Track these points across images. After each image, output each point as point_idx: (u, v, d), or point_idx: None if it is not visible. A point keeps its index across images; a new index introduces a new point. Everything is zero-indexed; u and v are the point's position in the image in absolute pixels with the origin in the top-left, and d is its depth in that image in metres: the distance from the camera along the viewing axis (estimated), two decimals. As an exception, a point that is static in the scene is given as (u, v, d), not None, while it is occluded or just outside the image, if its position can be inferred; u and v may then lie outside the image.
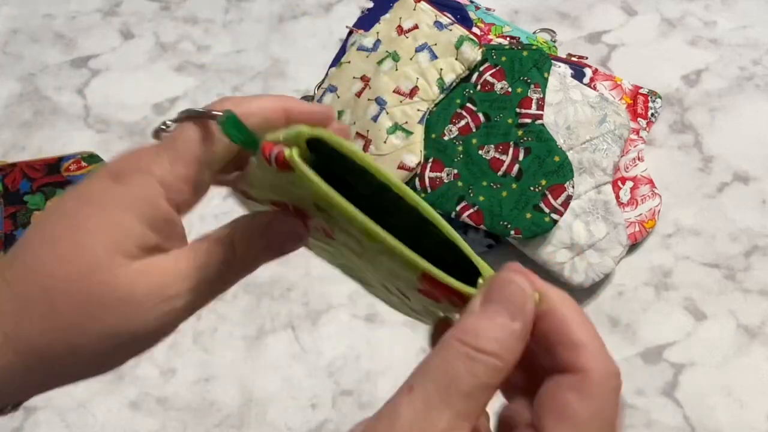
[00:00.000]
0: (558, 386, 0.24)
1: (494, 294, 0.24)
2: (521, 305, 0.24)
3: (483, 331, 0.23)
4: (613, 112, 0.75)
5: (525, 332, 0.24)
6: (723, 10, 0.93)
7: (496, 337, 0.23)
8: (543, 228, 0.68)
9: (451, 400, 0.22)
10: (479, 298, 0.24)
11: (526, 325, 0.24)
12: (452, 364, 0.22)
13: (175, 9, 0.96)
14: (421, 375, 0.23)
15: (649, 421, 0.65)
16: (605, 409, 0.23)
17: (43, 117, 0.86)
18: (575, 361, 0.24)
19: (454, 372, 0.22)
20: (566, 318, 0.25)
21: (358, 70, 0.79)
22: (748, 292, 0.72)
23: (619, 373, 0.24)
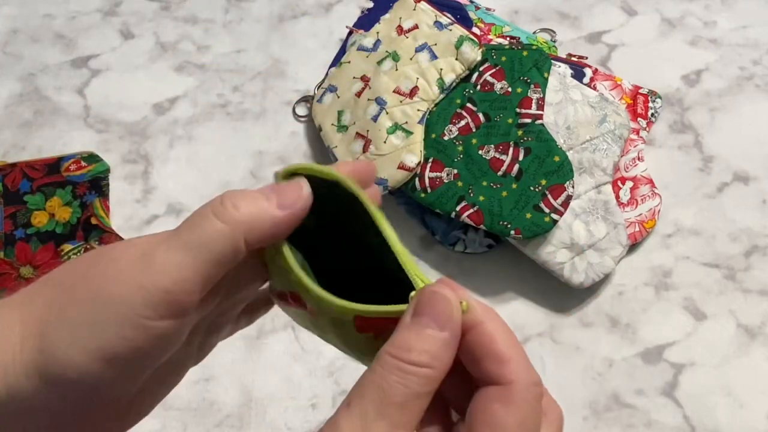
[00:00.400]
0: (486, 398, 0.26)
1: (422, 307, 0.25)
2: (448, 315, 0.25)
3: (414, 344, 0.25)
4: (613, 112, 0.75)
5: (454, 340, 0.26)
6: (723, 10, 0.93)
7: (427, 349, 0.25)
8: (543, 228, 0.68)
9: (387, 412, 0.23)
10: (410, 311, 0.26)
11: (455, 333, 0.25)
12: (386, 378, 0.24)
13: (175, 9, 0.96)
14: (358, 391, 0.24)
15: (649, 421, 0.65)
16: (529, 416, 0.26)
17: (43, 117, 0.86)
18: (500, 374, 0.26)
19: (388, 385, 0.24)
20: (491, 332, 0.26)
21: (358, 70, 0.79)
22: (748, 292, 0.72)
23: (540, 381, 0.27)
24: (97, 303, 0.26)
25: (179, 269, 0.26)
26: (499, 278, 0.73)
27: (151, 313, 0.26)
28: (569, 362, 0.68)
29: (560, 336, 0.70)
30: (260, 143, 0.83)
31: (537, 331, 0.70)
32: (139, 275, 0.26)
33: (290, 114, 0.85)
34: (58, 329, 0.26)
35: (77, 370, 0.25)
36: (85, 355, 0.25)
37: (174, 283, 0.26)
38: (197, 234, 0.26)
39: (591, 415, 0.66)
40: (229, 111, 0.86)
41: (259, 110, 0.86)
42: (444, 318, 0.25)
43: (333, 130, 0.78)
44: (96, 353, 0.25)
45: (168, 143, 0.83)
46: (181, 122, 0.85)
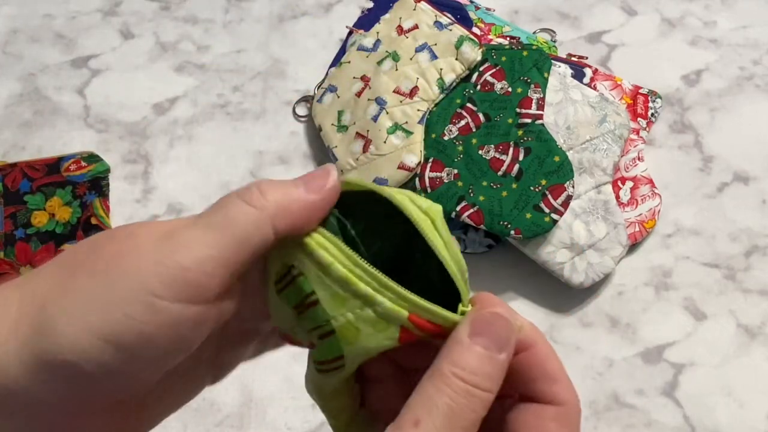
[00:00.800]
0: (540, 416, 0.26)
1: (482, 327, 0.25)
2: (507, 339, 0.26)
3: (478, 367, 0.25)
4: (613, 112, 0.75)
5: (508, 363, 0.26)
6: (723, 10, 0.93)
7: (489, 373, 0.25)
8: (543, 228, 0.68)
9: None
10: (466, 328, 0.26)
11: (510, 356, 0.26)
12: (456, 400, 0.24)
13: (175, 9, 0.96)
14: (427, 410, 0.24)
15: (649, 421, 0.65)
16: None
17: (43, 117, 0.86)
18: (555, 393, 0.26)
19: (459, 408, 0.24)
20: (545, 353, 0.27)
21: (358, 70, 0.79)
22: (748, 292, 0.72)
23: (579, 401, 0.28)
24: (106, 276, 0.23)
25: (201, 246, 0.24)
26: (499, 278, 0.73)
27: (165, 291, 0.23)
28: (569, 362, 0.68)
29: (560, 336, 0.70)
30: (260, 143, 0.83)
31: (537, 331, 0.70)
32: (157, 250, 0.24)
33: (290, 114, 0.85)
34: (59, 304, 0.23)
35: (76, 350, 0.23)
36: (85, 333, 0.23)
37: (195, 260, 0.24)
38: (222, 215, 0.25)
39: (591, 415, 0.66)
40: (229, 111, 0.86)
41: (259, 110, 0.86)
42: (504, 341, 0.25)
43: (333, 130, 0.78)
44: (98, 332, 0.23)
45: (168, 143, 0.83)
46: (181, 122, 0.85)
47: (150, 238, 0.24)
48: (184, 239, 0.24)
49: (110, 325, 0.23)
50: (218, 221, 0.24)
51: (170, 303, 0.23)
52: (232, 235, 0.24)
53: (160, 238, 0.24)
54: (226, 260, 0.24)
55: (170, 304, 0.23)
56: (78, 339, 0.23)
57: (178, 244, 0.24)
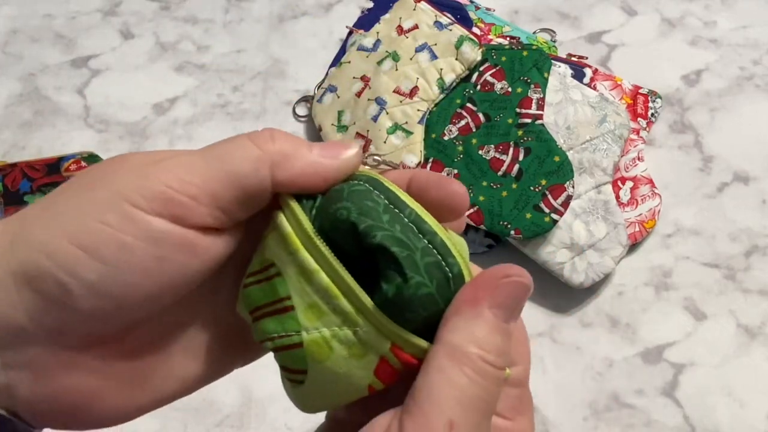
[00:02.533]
0: None
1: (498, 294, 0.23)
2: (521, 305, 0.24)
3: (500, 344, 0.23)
4: (613, 112, 0.75)
5: None
6: (723, 10, 0.93)
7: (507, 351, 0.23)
8: (543, 228, 0.68)
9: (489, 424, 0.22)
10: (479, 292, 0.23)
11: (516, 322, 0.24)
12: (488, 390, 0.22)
13: (175, 9, 0.96)
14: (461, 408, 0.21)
15: (649, 421, 0.65)
16: None
17: (43, 117, 0.86)
18: None
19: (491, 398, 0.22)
20: None
21: (358, 70, 0.79)
22: (748, 292, 0.72)
23: None
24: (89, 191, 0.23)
25: (189, 170, 0.23)
26: (499, 278, 0.73)
27: (142, 202, 0.22)
28: (569, 362, 0.68)
29: (560, 336, 0.70)
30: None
31: (537, 331, 0.70)
32: (143, 168, 0.23)
33: (290, 114, 0.85)
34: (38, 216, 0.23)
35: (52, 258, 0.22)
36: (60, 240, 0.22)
37: (178, 181, 0.23)
38: (223, 148, 0.24)
39: (591, 415, 0.66)
40: (229, 111, 0.86)
41: (259, 110, 0.86)
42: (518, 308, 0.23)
43: (333, 130, 0.78)
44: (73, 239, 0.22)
45: (168, 143, 0.83)
46: (181, 122, 0.85)
47: (142, 161, 0.23)
48: (174, 163, 0.23)
49: (85, 232, 0.22)
50: (217, 153, 0.24)
51: (147, 214, 0.22)
52: (224, 167, 0.23)
53: (152, 161, 0.23)
54: (212, 190, 0.23)
55: (147, 215, 0.22)
56: (54, 246, 0.22)
57: (167, 165, 0.23)
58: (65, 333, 0.23)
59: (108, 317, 0.23)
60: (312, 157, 0.24)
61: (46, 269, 0.22)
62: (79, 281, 0.22)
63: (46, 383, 0.23)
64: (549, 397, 0.66)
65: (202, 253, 0.24)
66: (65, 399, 0.24)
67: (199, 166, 0.23)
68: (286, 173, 0.24)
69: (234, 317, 0.27)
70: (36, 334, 0.23)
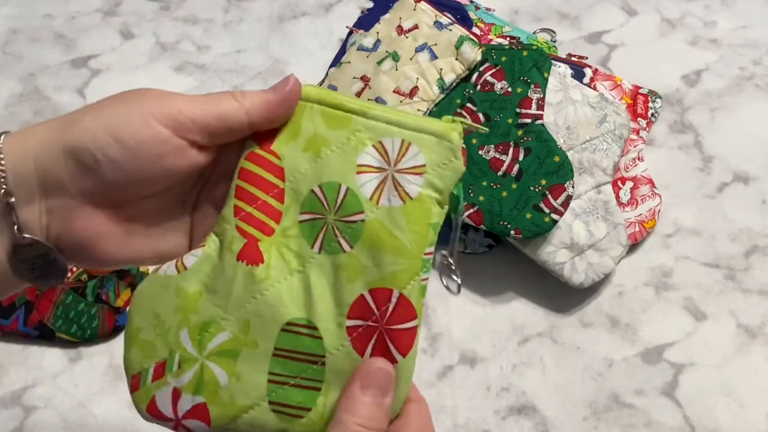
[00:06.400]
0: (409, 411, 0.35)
1: (369, 380, 0.33)
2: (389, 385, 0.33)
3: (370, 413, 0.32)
4: (613, 112, 0.75)
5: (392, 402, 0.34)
6: (723, 10, 0.93)
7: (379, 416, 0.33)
8: (543, 228, 0.68)
9: None
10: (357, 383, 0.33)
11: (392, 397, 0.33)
12: None
13: (175, 9, 0.96)
14: None
15: (649, 421, 0.65)
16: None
17: (43, 117, 0.86)
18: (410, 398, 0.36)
19: None
20: None
21: (358, 70, 0.79)
22: (748, 292, 0.72)
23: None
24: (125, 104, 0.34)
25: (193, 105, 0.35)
26: (499, 278, 0.73)
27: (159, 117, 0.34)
28: (569, 362, 0.68)
29: (560, 336, 0.70)
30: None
31: (537, 331, 0.70)
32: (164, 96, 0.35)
33: (290, 114, 0.85)
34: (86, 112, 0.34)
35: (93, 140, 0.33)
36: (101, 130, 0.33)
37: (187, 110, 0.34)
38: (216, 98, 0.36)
39: (591, 415, 0.66)
40: (229, 111, 0.86)
41: (259, 110, 0.86)
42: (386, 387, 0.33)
43: (333, 130, 0.78)
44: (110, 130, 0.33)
45: (168, 143, 0.83)
46: (181, 122, 0.85)
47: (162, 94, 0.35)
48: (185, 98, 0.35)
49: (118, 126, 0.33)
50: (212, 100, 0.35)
51: (159, 124, 0.34)
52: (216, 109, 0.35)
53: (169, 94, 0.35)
54: (207, 122, 0.35)
55: (159, 125, 0.34)
56: (95, 133, 0.33)
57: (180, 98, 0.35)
58: (92, 193, 0.34)
59: (120, 187, 0.34)
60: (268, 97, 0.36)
61: (87, 147, 0.33)
62: (107, 158, 0.33)
63: (70, 224, 0.34)
64: (549, 397, 0.66)
65: (188, 159, 0.35)
66: (80, 236, 0.34)
67: (200, 104, 0.35)
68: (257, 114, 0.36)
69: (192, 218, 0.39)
70: (72, 191, 0.34)
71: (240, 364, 0.33)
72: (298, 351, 0.33)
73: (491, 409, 0.66)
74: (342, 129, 0.34)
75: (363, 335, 0.33)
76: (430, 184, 0.33)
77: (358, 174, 0.33)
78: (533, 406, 0.66)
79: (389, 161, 0.33)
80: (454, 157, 0.33)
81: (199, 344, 0.33)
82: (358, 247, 0.33)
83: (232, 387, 0.33)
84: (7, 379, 0.68)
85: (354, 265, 0.33)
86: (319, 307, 0.33)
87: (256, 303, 0.33)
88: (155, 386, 0.33)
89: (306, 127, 0.35)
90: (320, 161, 0.34)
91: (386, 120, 0.34)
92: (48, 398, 0.67)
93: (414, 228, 0.33)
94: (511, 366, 0.68)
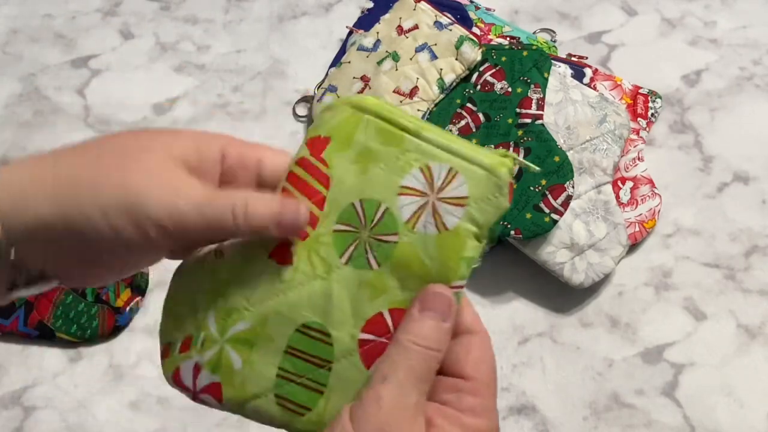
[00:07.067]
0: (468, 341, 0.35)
1: (429, 303, 0.33)
2: (449, 310, 0.33)
3: (429, 335, 0.32)
4: (613, 112, 0.75)
5: (452, 329, 0.33)
6: (723, 10, 0.93)
7: (438, 338, 0.33)
8: (543, 228, 0.68)
9: (416, 384, 0.32)
10: (417, 305, 0.33)
11: (453, 323, 0.33)
12: (414, 358, 0.32)
13: (175, 9, 0.96)
14: (392, 367, 0.32)
15: (649, 421, 0.65)
16: None
17: (43, 117, 0.86)
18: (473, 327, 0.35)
19: (417, 366, 0.32)
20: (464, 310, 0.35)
21: (358, 70, 0.79)
22: (748, 292, 0.72)
23: None
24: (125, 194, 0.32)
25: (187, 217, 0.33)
26: (499, 278, 0.73)
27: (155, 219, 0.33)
28: (569, 362, 0.68)
29: (560, 336, 0.70)
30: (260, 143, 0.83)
31: (537, 331, 0.70)
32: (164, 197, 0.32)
33: (290, 114, 0.85)
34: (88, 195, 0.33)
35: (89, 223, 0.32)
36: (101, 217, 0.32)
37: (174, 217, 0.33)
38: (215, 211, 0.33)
39: (591, 415, 0.66)
40: (229, 111, 0.86)
41: (259, 110, 0.86)
42: (447, 312, 0.33)
43: (333, 130, 0.78)
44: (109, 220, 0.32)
45: (168, 143, 0.83)
46: (181, 122, 0.85)
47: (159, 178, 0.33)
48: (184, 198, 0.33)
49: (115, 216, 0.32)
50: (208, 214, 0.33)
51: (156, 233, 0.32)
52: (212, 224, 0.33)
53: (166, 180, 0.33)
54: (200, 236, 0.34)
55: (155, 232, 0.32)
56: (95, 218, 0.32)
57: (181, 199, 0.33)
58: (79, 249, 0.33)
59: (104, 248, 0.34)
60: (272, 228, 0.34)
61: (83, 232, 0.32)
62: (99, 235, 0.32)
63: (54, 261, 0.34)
64: (549, 397, 0.66)
65: None
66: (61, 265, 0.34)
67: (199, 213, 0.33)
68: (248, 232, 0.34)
69: None
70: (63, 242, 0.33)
71: (254, 354, 0.35)
72: (309, 353, 0.34)
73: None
74: (393, 146, 0.34)
75: (373, 349, 0.34)
76: (469, 217, 0.33)
77: (400, 195, 0.34)
78: (533, 406, 0.66)
79: (433, 187, 0.34)
80: (499, 193, 0.33)
81: (222, 328, 0.35)
82: (385, 266, 0.34)
83: (245, 373, 0.35)
84: (7, 379, 0.68)
85: (379, 283, 0.34)
86: (336, 315, 0.34)
87: (277, 300, 0.35)
88: (181, 358, 0.35)
89: (358, 138, 0.35)
90: (366, 177, 0.35)
91: (438, 144, 0.34)
92: (48, 398, 0.67)
93: (444, 259, 0.33)
94: (511, 366, 0.68)
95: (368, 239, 0.34)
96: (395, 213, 0.34)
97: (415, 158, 0.34)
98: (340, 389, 0.34)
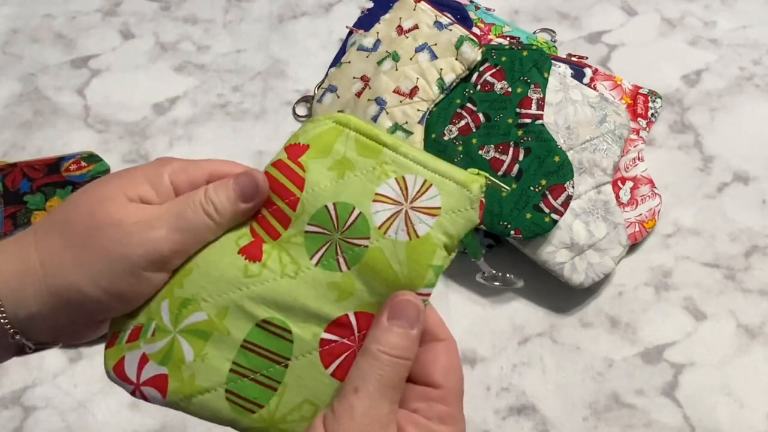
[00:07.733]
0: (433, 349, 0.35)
1: (397, 312, 0.33)
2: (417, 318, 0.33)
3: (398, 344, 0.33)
4: (613, 112, 0.75)
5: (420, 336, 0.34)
6: (723, 10, 0.93)
7: (407, 346, 0.33)
8: (543, 228, 0.68)
9: (386, 393, 0.32)
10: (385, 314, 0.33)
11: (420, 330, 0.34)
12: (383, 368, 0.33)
13: (175, 9, 0.96)
14: (361, 378, 0.32)
15: (649, 421, 0.65)
16: None
17: (43, 117, 0.86)
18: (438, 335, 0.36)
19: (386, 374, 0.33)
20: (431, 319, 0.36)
21: (358, 70, 0.79)
22: (748, 292, 0.72)
23: None
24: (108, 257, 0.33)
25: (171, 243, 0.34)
26: (499, 278, 0.73)
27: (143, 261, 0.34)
28: (569, 362, 0.68)
29: (560, 336, 0.70)
30: (260, 143, 0.83)
31: (537, 331, 0.70)
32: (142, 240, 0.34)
33: (290, 114, 0.85)
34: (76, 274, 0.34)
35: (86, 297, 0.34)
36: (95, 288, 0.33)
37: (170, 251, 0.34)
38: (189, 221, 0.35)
39: (591, 415, 0.66)
40: (229, 111, 0.86)
41: (259, 110, 0.86)
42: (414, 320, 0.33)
43: (333, 130, 0.78)
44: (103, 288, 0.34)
45: (168, 143, 0.83)
46: (181, 122, 0.85)
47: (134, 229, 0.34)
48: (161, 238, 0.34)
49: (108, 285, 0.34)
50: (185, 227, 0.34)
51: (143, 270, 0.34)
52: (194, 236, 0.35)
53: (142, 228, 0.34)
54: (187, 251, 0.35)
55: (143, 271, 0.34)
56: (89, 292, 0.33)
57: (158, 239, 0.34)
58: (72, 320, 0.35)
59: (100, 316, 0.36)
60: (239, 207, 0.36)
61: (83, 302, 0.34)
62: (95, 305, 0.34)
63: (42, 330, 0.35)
64: (549, 397, 0.66)
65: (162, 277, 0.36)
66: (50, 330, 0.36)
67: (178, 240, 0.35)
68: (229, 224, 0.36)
69: None
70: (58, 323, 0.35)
71: (208, 347, 0.34)
72: (266, 348, 0.34)
73: (491, 409, 0.66)
74: (371, 158, 0.35)
75: (334, 350, 0.34)
76: (440, 227, 0.34)
77: (374, 202, 0.35)
78: (533, 406, 0.66)
79: (407, 197, 0.35)
80: (470, 206, 0.34)
81: (175, 318, 0.35)
82: (355, 269, 0.34)
83: (196, 366, 0.34)
84: (7, 379, 0.68)
85: (347, 285, 0.34)
86: (300, 314, 0.34)
87: (240, 294, 0.34)
88: (127, 347, 0.35)
89: (337, 148, 0.36)
90: (341, 182, 0.35)
91: (414, 159, 0.35)
92: (48, 398, 0.67)
93: (413, 265, 0.34)
94: (511, 366, 0.68)
95: (339, 241, 0.35)
96: (368, 218, 0.34)
97: (392, 170, 0.35)
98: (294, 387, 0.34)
